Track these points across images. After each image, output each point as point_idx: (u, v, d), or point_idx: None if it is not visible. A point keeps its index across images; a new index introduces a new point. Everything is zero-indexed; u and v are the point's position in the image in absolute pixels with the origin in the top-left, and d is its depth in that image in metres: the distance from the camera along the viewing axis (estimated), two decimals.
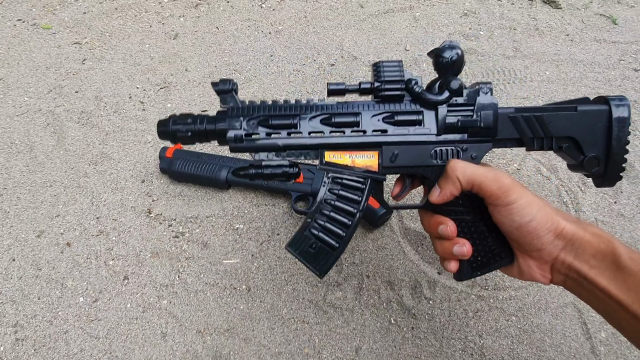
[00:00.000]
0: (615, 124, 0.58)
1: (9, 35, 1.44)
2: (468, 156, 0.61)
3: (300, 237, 0.64)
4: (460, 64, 0.58)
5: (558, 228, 0.55)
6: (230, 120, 0.62)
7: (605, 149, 0.59)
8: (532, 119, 0.59)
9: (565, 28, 1.31)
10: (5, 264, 0.99)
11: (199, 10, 1.46)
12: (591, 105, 0.59)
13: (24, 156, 1.16)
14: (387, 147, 0.61)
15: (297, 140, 0.62)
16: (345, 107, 0.62)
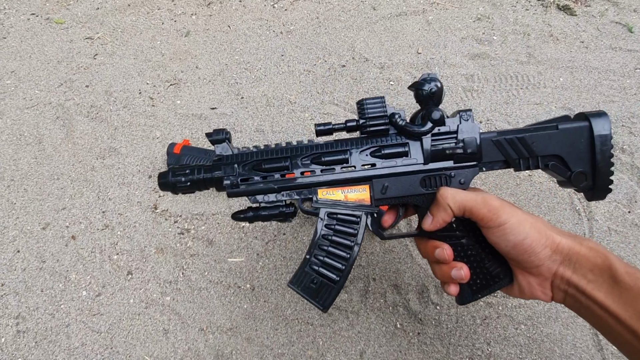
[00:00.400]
0: (597, 139, 0.59)
1: (22, 29, 1.44)
2: (457, 182, 0.63)
3: (301, 273, 0.66)
4: (439, 95, 0.61)
5: (554, 243, 0.55)
6: (226, 167, 0.66)
7: (591, 163, 0.60)
8: (515, 141, 0.62)
9: (580, 35, 1.29)
10: (9, 255, 0.99)
11: (211, 8, 1.46)
12: (572, 123, 0.61)
13: (33, 148, 1.16)
14: (377, 180, 0.64)
15: (290, 181, 0.65)
16: (333, 145, 0.65)
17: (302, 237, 0.98)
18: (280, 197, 0.65)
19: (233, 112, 1.19)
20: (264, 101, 1.21)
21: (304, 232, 0.99)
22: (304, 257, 0.66)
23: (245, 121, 1.17)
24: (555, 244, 0.55)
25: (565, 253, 0.55)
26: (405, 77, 1.23)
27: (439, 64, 1.25)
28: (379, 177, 0.64)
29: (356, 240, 0.65)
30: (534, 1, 1.39)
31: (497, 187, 1.02)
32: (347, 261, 0.65)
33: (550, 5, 1.36)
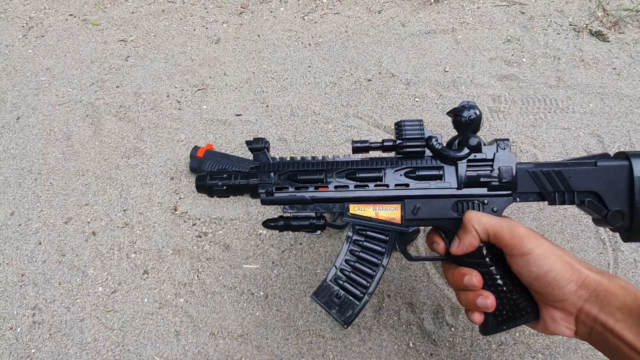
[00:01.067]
0: (637, 179, 0.58)
1: (60, 29, 1.49)
2: (489, 209, 0.63)
3: (325, 287, 0.67)
4: (478, 122, 0.62)
5: (580, 277, 0.53)
6: (262, 175, 0.67)
7: (629, 203, 0.59)
8: (552, 174, 0.61)
9: (612, 62, 1.27)
10: (31, 247, 1.01)
11: (242, 17, 1.49)
12: (611, 161, 0.60)
13: (61, 144, 1.19)
14: (409, 200, 0.64)
15: (323, 194, 0.66)
16: (368, 162, 0.66)
17: (318, 248, 0.98)
18: (312, 208, 0.67)
19: (257, 120, 1.21)
20: (289, 111, 1.22)
21: (320, 244, 0.98)
22: (330, 270, 0.67)
23: (269, 129, 1.18)
24: (582, 279, 0.53)
25: (593, 289, 0.53)
26: (431, 94, 1.22)
27: (466, 83, 1.24)
28: (411, 197, 0.64)
29: (383, 259, 0.65)
30: (565, 25, 1.37)
31: (519, 211, 1.00)
32: (373, 279, 0.65)
33: (583, 31, 1.35)
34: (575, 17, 1.39)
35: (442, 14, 1.43)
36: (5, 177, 1.13)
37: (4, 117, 1.26)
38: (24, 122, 1.24)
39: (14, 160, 1.16)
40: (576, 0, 1.43)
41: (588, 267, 0.55)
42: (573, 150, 1.08)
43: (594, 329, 0.54)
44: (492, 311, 0.62)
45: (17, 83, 1.34)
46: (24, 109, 1.28)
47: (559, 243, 0.95)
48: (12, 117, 1.26)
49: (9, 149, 1.19)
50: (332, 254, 0.96)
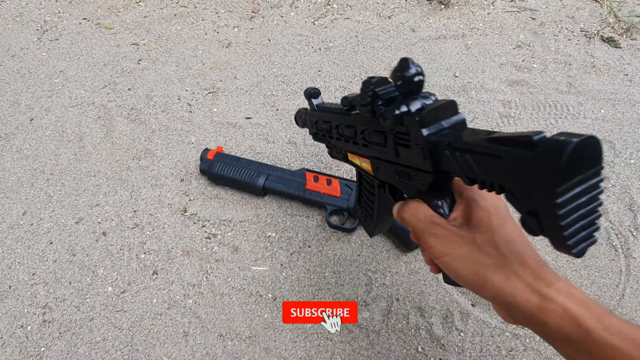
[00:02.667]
0: (539, 179, 0.38)
1: (73, 32, 1.52)
2: (418, 182, 0.54)
3: (356, 206, 0.81)
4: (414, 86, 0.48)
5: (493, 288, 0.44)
6: (309, 120, 0.83)
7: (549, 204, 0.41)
8: (459, 157, 0.46)
9: (624, 68, 1.26)
10: (42, 246, 1.02)
11: (253, 22, 1.50)
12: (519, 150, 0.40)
13: (73, 145, 1.20)
14: (372, 159, 0.64)
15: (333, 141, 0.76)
16: (349, 120, 0.67)
17: (327, 251, 0.98)
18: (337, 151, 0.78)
19: (267, 123, 1.21)
20: None
21: (329, 247, 0.98)
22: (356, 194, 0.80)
23: (279, 132, 1.19)
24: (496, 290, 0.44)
25: (510, 302, 0.43)
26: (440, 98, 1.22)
27: (476, 88, 1.24)
28: (372, 157, 0.64)
29: (375, 199, 0.71)
30: (577, 32, 1.37)
31: None
32: (373, 210, 0.73)
33: (594, 37, 1.34)
34: (587, 24, 1.38)
35: (452, 19, 1.44)
36: (18, 177, 1.14)
37: (17, 118, 1.28)
38: (38, 123, 1.26)
39: (27, 160, 1.18)
40: (587, 7, 1.43)
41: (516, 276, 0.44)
42: None
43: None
44: None
45: (31, 85, 1.36)
46: (37, 110, 1.29)
47: None
48: (25, 118, 1.28)
49: (22, 149, 1.20)
50: (341, 257, 0.96)
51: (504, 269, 0.45)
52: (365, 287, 0.92)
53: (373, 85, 0.55)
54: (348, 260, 0.96)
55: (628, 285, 0.89)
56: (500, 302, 0.45)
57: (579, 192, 0.37)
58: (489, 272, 0.45)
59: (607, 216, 0.98)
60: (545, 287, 0.42)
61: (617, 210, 0.98)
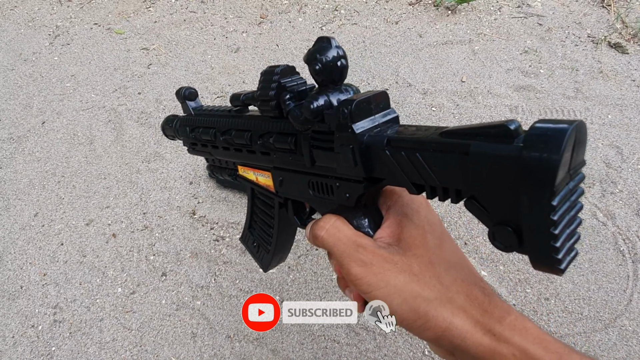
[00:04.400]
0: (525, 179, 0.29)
1: (85, 37, 1.54)
2: (341, 194, 0.44)
3: (245, 233, 0.66)
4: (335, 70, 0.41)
5: (439, 326, 0.36)
6: (182, 128, 0.65)
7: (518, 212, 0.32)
8: (404, 158, 0.36)
9: (631, 73, 1.26)
10: (54, 247, 1.04)
11: (261, 27, 1.52)
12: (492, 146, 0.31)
13: (84, 148, 1.22)
14: (275, 170, 0.52)
15: (217, 153, 0.61)
16: (240, 123, 0.54)
17: None
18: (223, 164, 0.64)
19: None
20: None
21: None
22: (246, 218, 0.66)
23: None
24: (442, 329, 0.36)
25: (458, 343, 0.36)
26: (447, 104, 1.23)
27: (483, 93, 1.25)
28: (276, 168, 0.52)
29: (275, 221, 0.58)
30: (584, 37, 1.37)
31: None
32: (272, 237, 0.61)
33: (601, 42, 1.35)
34: (594, 29, 1.39)
35: (459, 25, 1.45)
36: (30, 179, 1.16)
37: (30, 122, 1.30)
38: (49, 126, 1.28)
39: (38, 163, 1.20)
40: (594, 13, 1.43)
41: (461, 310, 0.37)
42: (591, 161, 1.08)
43: None
44: None
45: (43, 89, 1.39)
46: (49, 113, 1.31)
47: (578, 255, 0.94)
48: (37, 121, 1.30)
49: (34, 152, 1.22)
50: None
51: (449, 304, 0.37)
52: None
53: (278, 75, 0.45)
54: None
55: (635, 290, 0.89)
56: (445, 344, 0.37)
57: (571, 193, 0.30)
58: (431, 309, 0.37)
59: (615, 221, 0.98)
60: (497, 323, 0.36)
61: (625, 216, 0.98)
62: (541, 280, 0.90)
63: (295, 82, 0.45)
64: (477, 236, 0.97)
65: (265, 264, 0.64)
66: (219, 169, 0.66)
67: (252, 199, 0.62)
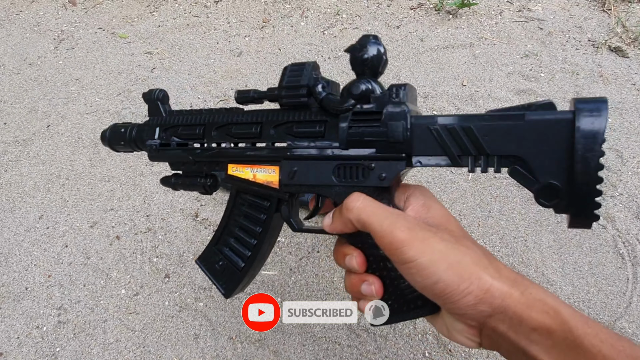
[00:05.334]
0: (579, 139, 0.39)
1: (89, 41, 1.56)
2: (376, 176, 0.48)
3: (209, 252, 0.61)
4: (377, 63, 0.48)
5: (480, 289, 0.40)
6: (147, 130, 0.62)
7: (567, 174, 0.41)
8: (457, 131, 0.44)
9: (631, 77, 1.27)
10: (58, 249, 1.05)
11: (264, 31, 1.53)
12: (548, 113, 0.42)
13: (89, 151, 1.23)
14: (286, 162, 0.53)
15: (202, 152, 0.59)
16: (246, 116, 0.57)
17: None
18: (197, 167, 0.60)
19: None
20: None
21: None
22: (214, 234, 0.61)
23: None
24: (483, 291, 0.40)
25: (498, 304, 0.40)
26: (448, 107, 1.24)
27: (484, 97, 1.26)
28: (288, 158, 0.53)
29: (264, 227, 0.57)
30: (584, 41, 1.38)
31: (536, 224, 1.00)
32: (254, 248, 0.58)
33: (602, 46, 1.35)
34: (594, 33, 1.39)
35: (460, 29, 1.46)
36: (35, 182, 1.18)
37: (35, 125, 1.31)
38: (54, 129, 1.30)
39: (43, 165, 1.21)
40: (595, 17, 1.44)
41: (496, 274, 0.41)
42: None
43: (502, 345, 0.42)
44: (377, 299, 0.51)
45: (48, 92, 1.40)
46: (54, 117, 1.33)
47: (577, 257, 0.95)
48: (42, 124, 1.31)
49: (39, 155, 1.24)
50: None
51: (486, 269, 0.41)
52: None
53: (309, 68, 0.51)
54: None
55: (635, 293, 0.89)
56: (482, 307, 0.40)
57: None
58: (474, 272, 0.41)
59: (614, 224, 0.99)
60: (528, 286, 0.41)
61: (624, 219, 0.99)
62: (541, 282, 0.91)
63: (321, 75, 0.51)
64: (478, 239, 0.97)
65: (231, 287, 0.60)
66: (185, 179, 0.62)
67: (232, 207, 0.59)
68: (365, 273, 0.51)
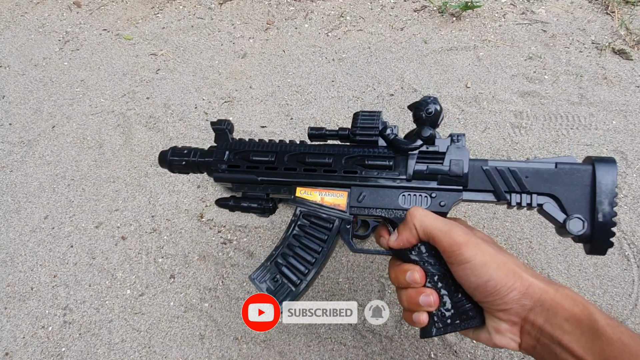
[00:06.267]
0: (599, 185, 0.56)
1: (94, 43, 1.56)
2: (436, 203, 0.61)
3: (264, 268, 0.66)
4: (436, 117, 0.61)
5: (523, 285, 0.50)
6: (217, 153, 0.69)
7: (590, 210, 0.56)
8: (506, 172, 0.59)
9: (635, 79, 1.27)
10: (63, 250, 1.05)
11: (268, 33, 1.54)
12: (573, 164, 0.59)
13: (94, 152, 1.24)
14: (356, 187, 0.64)
15: (273, 175, 0.66)
16: (319, 148, 0.67)
17: (340, 257, 0.99)
18: (261, 189, 0.67)
19: (282, 132, 1.24)
20: (312, 123, 1.25)
21: (342, 253, 1.00)
22: (272, 252, 0.66)
23: None
24: (525, 287, 0.50)
25: (537, 298, 0.50)
26: (453, 109, 1.24)
27: (488, 99, 1.26)
28: (358, 185, 0.64)
29: (325, 246, 0.64)
30: (588, 44, 1.38)
31: (541, 225, 1.00)
32: (313, 265, 0.64)
33: (606, 49, 1.36)
34: (598, 36, 1.40)
35: (463, 31, 1.46)
36: (40, 183, 1.18)
37: (40, 126, 1.32)
38: (59, 130, 1.30)
39: (48, 166, 1.22)
40: (598, 19, 1.45)
41: (534, 275, 0.52)
42: None
43: (540, 340, 0.50)
44: (434, 309, 0.58)
45: (53, 93, 1.41)
46: (59, 118, 1.33)
47: (582, 259, 0.95)
48: (47, 125, 1.32)
49: (45, 155, 1.24)
50: (354, 264, 0.98)
51: (526, 271, 0.51)
52: (378, 293, 0.94)
53: (378, 116, 0.64)
54: (362, 266, 0.97)
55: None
56: (525, 301, 0.50)
57: None
58: (518, 271, 0.51)
59: (620, 226, 0.99)
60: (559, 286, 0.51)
61: (630, 221, 0.99)
62: None
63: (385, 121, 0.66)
64: None
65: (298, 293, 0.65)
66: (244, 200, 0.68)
67: (294, 226, 0.66)
68: (423, 287, 0.58)
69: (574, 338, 0.47)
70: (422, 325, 0.58)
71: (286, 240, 0.66)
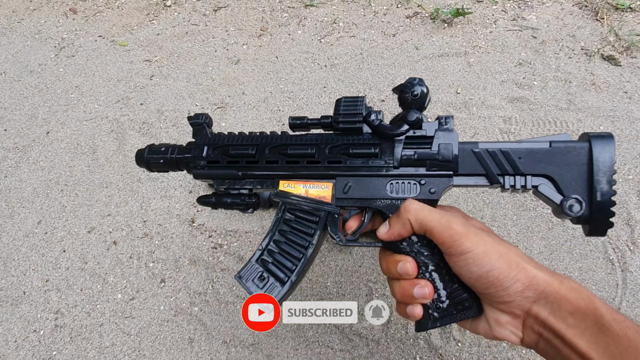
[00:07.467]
0: (596, 162, 0.53)
1: (89, 49, 1.58)
2: (426, 190, 0.58)
3: (250, 267, 0.64)
4: (423, 99, 0.58)
5: (527, 277, 0.48)
6: (195, 149, 0.66)
7: (588, 190, 0.53)
8: (498, 154, 0.56)
9: (623, 85, 1.28)
10: (56, 254, 1.06)
11: (261, 39, 1.55)
12: (569, 142, 0.55)
13: (87, 157, 1.25)
14: (340, 178, 0.61)
15: (254, 169, 0.64)
16: (300, 139, 0.64)
17: (329, 261, 1.00)
18: (243, 184, 0.65)
19: None
20: None
21: (331, 257, 1.01)
22: (256, 252, 0.64)
23: None
24: (529, 279, 0.48)
25: (541, 290, 0.47)
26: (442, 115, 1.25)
27: (477, 104, 1.27)
28: (343, 175, 0.61)
29: (312, 241, 0.62)
30: (577, 50, 1.40)
31: (527, 230, 1.01)
32: (299, 261, 0.62)
33: (595, 55, 1.37)
34: (587, 42, 1.41)
35: (455, 37, 1.48)
36: (34, 188, 1.19)
37: (34, 131, 1.33)
38: (53, 136, 1.31)
39: (42, 172, 1.23)
40: (588, 26, 1.46)
41: (537, 266, 0.49)
42: None
43: (542, 335, 0.48)
44: (429, 301, 0.56)
45: (48, 99, 1.42)
46: (53, 123, 1.35)
47: (567, 263, 0.96)
48: (42, 131, 1.33)
49: (39, 161, 1.25)
50: (343, 268, 0.99)
51: (529, 262, 0.49)
52: (365, 297, 0.95)
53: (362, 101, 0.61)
54: (349, 270, 0.98)
55: (624, 298, 0.90)
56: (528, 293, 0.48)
57: None
58: (521, 262, 0.49)
59: None
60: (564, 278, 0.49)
61: (615, 225, 1.00)
62: None
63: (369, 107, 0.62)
64: None
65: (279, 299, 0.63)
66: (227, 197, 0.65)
67: (278, 223, 0.64)
68: (416, 278, 0.56)
69: (577, 332, 0.45)
70: (417, 318, 0.56)
71: (271, 237, 0.64)
